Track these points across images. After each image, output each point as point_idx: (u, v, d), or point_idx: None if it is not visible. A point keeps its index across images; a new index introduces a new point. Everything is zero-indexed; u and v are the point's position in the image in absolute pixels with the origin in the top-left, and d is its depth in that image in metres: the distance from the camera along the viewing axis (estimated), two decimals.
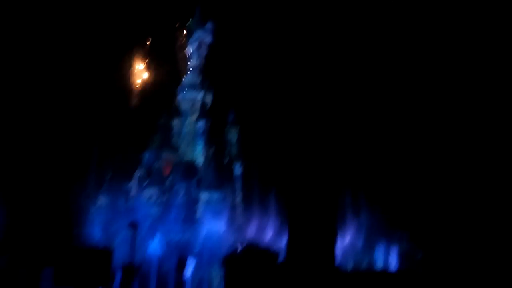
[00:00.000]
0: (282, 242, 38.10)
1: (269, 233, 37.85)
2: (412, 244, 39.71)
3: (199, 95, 44.81)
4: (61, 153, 45.59)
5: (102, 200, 41.35)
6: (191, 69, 46.44)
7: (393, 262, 38.76)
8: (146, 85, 52.15)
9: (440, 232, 38.98)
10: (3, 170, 39.28)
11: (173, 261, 35.29)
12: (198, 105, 44.57)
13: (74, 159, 44.31)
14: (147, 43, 51.08)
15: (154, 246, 37.46)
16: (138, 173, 41.62)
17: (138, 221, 37.37)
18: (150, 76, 51.26)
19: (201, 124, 43.50)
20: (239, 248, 29.53)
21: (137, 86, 50.88)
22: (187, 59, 47.22)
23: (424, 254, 35.94)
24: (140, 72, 51.36)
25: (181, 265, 32.80)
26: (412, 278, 29.18)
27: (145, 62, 50.58)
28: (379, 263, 39.21)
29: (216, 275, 34.71)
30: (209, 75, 47.01)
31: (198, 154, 42.88)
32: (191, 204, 38.32)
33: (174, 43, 49.27)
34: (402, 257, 38.18)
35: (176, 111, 45.81)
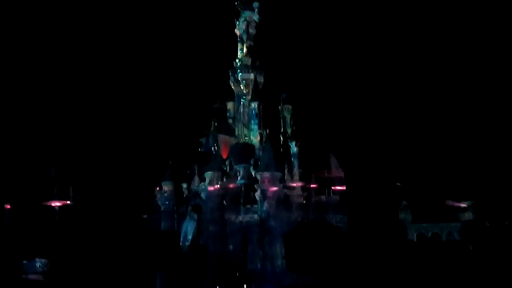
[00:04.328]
0: (341, 218, 38.31)
1: (327, 209, 37.92)
2: (477, 214, 38.64)
3: (251, 76, 44.90)
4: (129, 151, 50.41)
5: (166, 186, 42.76)
6: (241, 50, 46.35)
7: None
8: None
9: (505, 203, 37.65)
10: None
11: (237, 239, 36.23)
12: (251, 86, 44.68)
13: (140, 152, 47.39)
14: None
15: (218, 226, 38.61)
16: (198, 158, 42.52)
17: (201, 203, 38.59)
18: None
19: (255, 105, 43.79)
20: (300, 225, 29.86)
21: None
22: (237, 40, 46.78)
23: (489, 224, 34.83)
24: None
25: (245, 243, 33.56)
26: (478, 247, 28.39)
27: None
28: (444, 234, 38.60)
29: (278, 252, 35.33)
30: (259, 54, 46.57)
31: (254, 135, 43.27)
32: (250, 184, 38.83)
33: None
34: (467, 228, 37.24)
35: (229, 94, 46.15)
